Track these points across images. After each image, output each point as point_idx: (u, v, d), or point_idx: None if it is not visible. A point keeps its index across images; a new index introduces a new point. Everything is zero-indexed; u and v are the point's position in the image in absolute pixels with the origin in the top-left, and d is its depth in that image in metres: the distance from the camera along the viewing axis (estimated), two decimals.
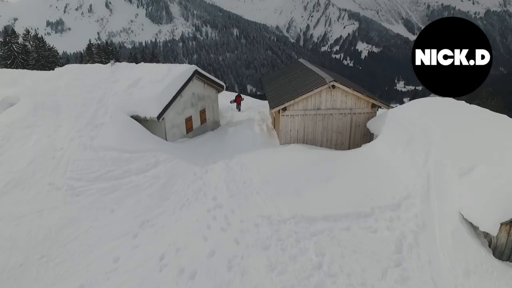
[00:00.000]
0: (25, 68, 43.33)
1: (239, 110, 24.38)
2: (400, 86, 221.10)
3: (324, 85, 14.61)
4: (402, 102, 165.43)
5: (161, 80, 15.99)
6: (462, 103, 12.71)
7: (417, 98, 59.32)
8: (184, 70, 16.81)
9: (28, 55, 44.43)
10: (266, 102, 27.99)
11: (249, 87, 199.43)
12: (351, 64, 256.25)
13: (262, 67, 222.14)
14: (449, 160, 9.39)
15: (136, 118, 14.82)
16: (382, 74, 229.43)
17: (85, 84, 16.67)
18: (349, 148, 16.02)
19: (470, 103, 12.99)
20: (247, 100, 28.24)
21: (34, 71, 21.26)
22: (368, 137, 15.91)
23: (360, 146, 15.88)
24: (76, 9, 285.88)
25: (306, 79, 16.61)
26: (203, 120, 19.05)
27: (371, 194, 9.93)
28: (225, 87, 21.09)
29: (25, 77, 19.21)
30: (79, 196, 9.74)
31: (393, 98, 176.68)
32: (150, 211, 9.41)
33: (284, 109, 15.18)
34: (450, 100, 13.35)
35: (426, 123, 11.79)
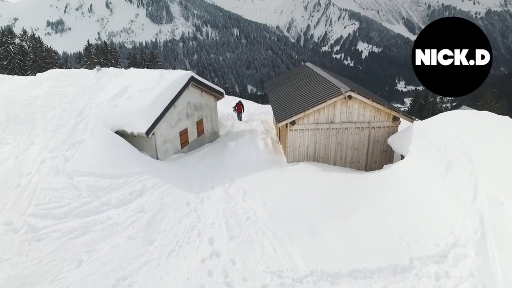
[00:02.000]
0: (22, 69, 41.86)
1: (240, 119, 22.26)
2: (401, 86, 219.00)
3: (340, 95, 12.64)
4: (403, 102, 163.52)
5: (151, 88, 14.02)
6: (506, 118, 10.73)
7: (419, 99, 56.89)
8: (178, 77, 14.83)
9: (25, 56, 42.94)
10: (268, 107, 26.03)
11: (249, 87, 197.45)
12: (351, 64, 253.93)
13: (263, 67, 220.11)
14: (508, 197, 7.42)
15: (122, 133, 12.85)
16: (383, 74, 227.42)
17: (65, 93, 14.69)
18: (366, 167, 14.06)
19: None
20: (248, 106, 26.26)
21: (14, 76, 19.27)
22: (388, 154, 13.95)
23: (379, 164, 13.96)
24: (77, 9, 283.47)
25: (317, 87, 14.63)
26: (200, 131, 17.07)
27: (406, 237, 7.96)
28: (224, 94, 19.08)
29: (2, 83, 17.23)
30: (41, 241, 7.75)
31: (393, 98, 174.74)
32: (129, 263, 7.42)
33: (293, 122, 13.21)
34: (489, 115, 11.38)
35: (466, 144, 9.81)
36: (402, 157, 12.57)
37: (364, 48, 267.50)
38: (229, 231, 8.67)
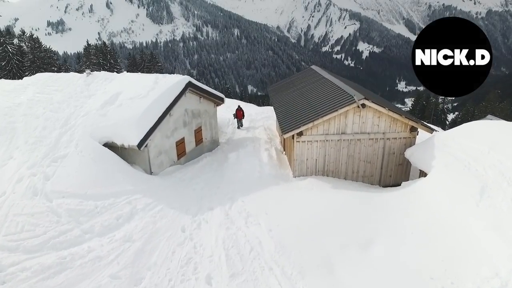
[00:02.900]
0: (21, 70, 40.91)
1: (241, 126, 20.82)
2: (402, 86, 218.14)
3: (352, 103, 11.42)
4: (403, 103, 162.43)
5: (144, 95, 12.83)
6: None
7: (421, 100, 55.15)
8: (175, 82, 13.62)
9: (23, 57, 42.04)
10: (270, 109, 24.82)
11: (250, 88, 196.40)
12: (352, 65, 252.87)
13: (263, 67, 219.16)
14: None
15: (111, 146, 11.63)
16: (383, 74, 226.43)
17: (51, 100, 13.46)
18: (380, 181, 12.84)
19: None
20: (250, 110, 25.01)
21: (0, 80, 18.05)
22: (404, 167, 12.72)
23: (394, 178, 12.75)
24: (77, 9, 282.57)
25: (327, 94, 13.39)
26: (198, 140, 15.84)
27: (439, 277, 6.73)
28: (225, 99, 17.84)
29: None
30: (6, 283, 6.52)
31: (394, 98, 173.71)
32: None
33: (300, 133, 11.98)
34: None
35: (500, 161, 8.56)
36: (421, 172, 11.38)
37: (364, 48, 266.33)
38: (230, 266, 7.44)
